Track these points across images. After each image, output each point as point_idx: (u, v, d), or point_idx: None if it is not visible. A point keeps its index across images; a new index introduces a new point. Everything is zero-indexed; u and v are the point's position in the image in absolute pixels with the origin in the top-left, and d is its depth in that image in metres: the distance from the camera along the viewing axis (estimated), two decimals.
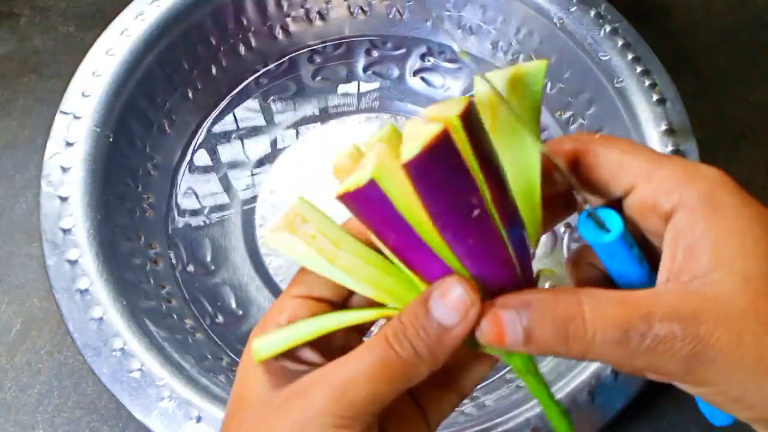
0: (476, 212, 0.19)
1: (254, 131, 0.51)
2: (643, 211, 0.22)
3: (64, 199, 0.40)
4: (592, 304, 0.20)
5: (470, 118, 0.19)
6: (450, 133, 0.18)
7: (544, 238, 0.46)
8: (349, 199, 0.19)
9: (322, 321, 0.23)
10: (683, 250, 0.20)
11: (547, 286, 0.24)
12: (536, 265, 0.23)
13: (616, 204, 0.23)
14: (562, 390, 0.37)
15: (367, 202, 0.19)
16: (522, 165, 0.22)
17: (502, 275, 0.21)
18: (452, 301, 0.20)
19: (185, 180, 0.49)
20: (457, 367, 0.25)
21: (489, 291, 0.21)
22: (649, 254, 0.23)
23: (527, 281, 0.22)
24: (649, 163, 0.22)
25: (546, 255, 0.46)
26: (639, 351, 0.19)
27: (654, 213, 0.21)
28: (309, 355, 0.23)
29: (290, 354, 0.23)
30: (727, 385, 0.20)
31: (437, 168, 0.18)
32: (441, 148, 0.18)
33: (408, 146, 0.18)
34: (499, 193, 0.20)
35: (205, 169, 0.49)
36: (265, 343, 0.23)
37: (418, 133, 0.18)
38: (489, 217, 0.20)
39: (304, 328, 0.23)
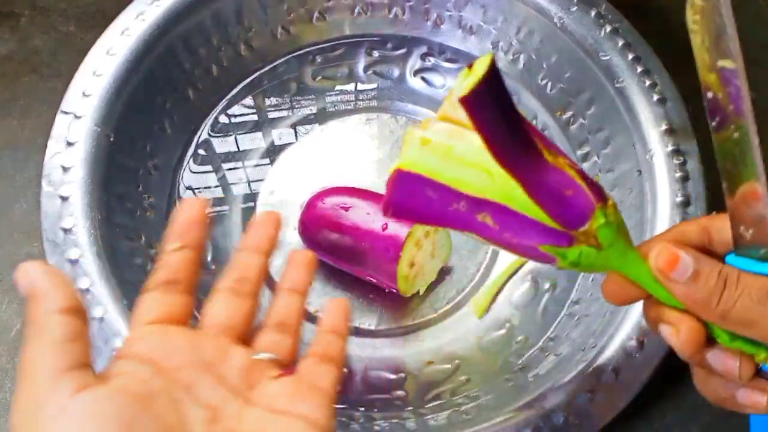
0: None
1: (254, 131, 0.51)
2: None
3: (64, 199, 0.40)
4: (746, 274, 0.26)
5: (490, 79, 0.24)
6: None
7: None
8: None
9: None
10: None
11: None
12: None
13: None
14: (562, 390, 0.37)
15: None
16: None
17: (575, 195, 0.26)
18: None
19: (185, 180, 0.49)
20: None
21: (565, 217, 0.25)
22: None
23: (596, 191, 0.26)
24: None
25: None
26: None
27: None
28: None
29: None
30: None
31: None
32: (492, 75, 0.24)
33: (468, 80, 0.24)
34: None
35: (205, 169, 0.49)
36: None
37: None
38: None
39: None
